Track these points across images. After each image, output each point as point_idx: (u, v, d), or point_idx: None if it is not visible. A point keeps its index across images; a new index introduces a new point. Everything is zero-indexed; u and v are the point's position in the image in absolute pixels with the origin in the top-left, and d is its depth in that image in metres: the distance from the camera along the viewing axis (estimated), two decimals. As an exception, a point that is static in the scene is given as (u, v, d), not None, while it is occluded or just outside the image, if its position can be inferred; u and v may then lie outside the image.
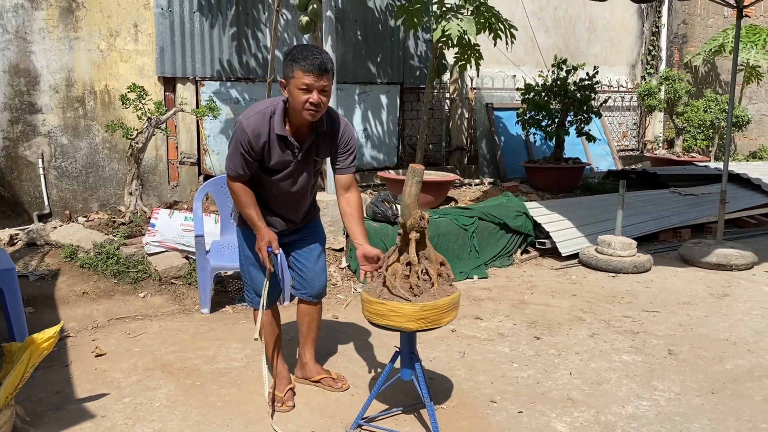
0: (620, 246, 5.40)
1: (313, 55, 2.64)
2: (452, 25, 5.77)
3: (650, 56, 10.81)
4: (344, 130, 2.93)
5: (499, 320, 4.24)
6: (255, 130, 2.74)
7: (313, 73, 2.63)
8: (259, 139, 2.75)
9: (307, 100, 2.66)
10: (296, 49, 2.69)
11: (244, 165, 2.80)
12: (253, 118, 2.76)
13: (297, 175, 2.92)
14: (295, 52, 2.67)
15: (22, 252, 4.94)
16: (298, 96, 2.66)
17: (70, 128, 5.87)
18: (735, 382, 3.34)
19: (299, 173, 2.92)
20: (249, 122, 2.75)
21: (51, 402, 3.05)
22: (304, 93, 2.65)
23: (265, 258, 2.86)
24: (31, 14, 5.57)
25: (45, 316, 4.08)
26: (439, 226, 5.33)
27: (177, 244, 4.83)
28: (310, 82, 2.63)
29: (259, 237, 2.87)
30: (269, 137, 2.77)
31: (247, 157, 2.78)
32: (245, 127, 2.74)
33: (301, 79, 2.64)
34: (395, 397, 3.11)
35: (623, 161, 9.99)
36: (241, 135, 2.75)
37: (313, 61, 2.63)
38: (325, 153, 2.97)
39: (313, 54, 2.65)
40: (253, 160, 2.80)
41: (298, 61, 2.64)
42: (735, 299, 4.72)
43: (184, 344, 3.79)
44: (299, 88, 2.65)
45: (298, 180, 2.93)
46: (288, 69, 2.68)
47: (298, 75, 2.64)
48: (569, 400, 3.13)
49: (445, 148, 8.54)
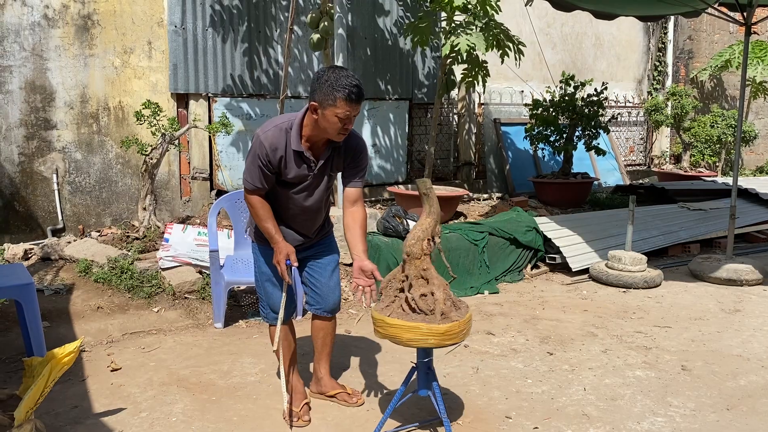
0: (630, 261, 5.41)
1: (352, 84, 2.66)
2: (461, 40, 5.83)
3: (657, 72, 10.86)
4: (358, 144, 2.97)
5: (511, 335, 4.25)
6: (272, 144, 2.77)
7: (355, 102, 2.68)
8: (276, 153, 2.78)
9: (343, 126, 2.72)
10: (333, 75, 2.68)
11: (262, 178, 2.83)
12: (271, 132, 2.79)
13: (312, 189, 2.95)
14: (333, 79, 2.67)
15: (37, 266, 4.99)
16: (335, 123, 2.70)
17: (84, 144, 5.94)
18: (750, 399, 3.34)
19: (315, 187, 2.95)
20: (266, 136, 2.78)
21: (69, 416, 3.08)
22: (342, 120, 2.70)
23: (284, 271, 2.88)
24: (48, 32, 5.66)
25: (60, 331, 4.11)
26: (450, 241, 5.36)
27: (191, 259, 4.87)
28: (350, 111, 2.68)
29: (278, 250, 2.89)
30: (285, 152, 2.80)
31: (264, 170, 2.80)
32: (263, 141, 2.78)
33: (342, 108, 2.66)
34: (410, 413, 3.12)
35: (631, 176, 10.02)
36: (258, 148, 2.78)
37: (354, 91, 2.66)
38: (338, 167, 3.00)
39: (351, 83, 2.66)
40: (271, 173, 2.83)
41: (339, 90, 2.65)
42: (747, 315, 4.72)
43: (199, 359, 3.81)
44: (338, 116, 2.68)
45: (314, 193, 2.96)
46: (326, 96, 2.67)
47: (340, 104, 2.66)
48: (584, 416, 3.14)
49: (453, 163, 8.59)
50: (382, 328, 2.68)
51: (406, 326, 2.60)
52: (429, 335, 2.59)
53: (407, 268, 2.69)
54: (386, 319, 2.65)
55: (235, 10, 6.46)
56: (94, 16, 5.84)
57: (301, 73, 6.96)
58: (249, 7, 6.55)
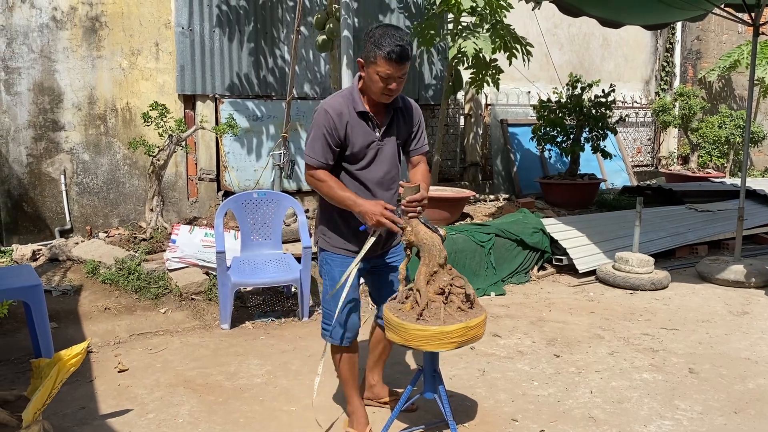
0: (638, 263, 5.39)
1: (395, 44, 2.55)
2: (468, 43, 5.83)
3: (664, 72, 10.82)
4: (416, 108, 2.92)
5: (517, 338, 4.25)
6: (336, 109, 2.69)
7: (396, 62, 2.56)
8: (342, 118, 2.69)
9: (386, 86, 2.63)
10: (378, 32, 2.60)
11: (327, 151, 2.69)
12: (334, 99, 2.75)
13: (381, 160, 2.81)
14: (378, 36, 2.58)
15: (45, 267, 5.02)
16: (377, 81, 2.62)
17: (91, 145, 5.97)
18: (758, 402, 3.32)
19: (383, 157, 2.81)
20: (330, 104, 2.71)
21: (77, 417, 3.09)
22: (384, 80, 2.61)
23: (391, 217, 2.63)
24: (56, 34, 5.69)
25: (68, 332, 4.13)
26: (456, 242, 5.35)
27: (197, 260, 4.89)
28: (391, 72, 2.58)
29: (369, 212, 2.63)
30: (350, 117, 2.71)
31: (329, 140, 2.68)
32: (327, 109, 2.69)
33: (383, 67, 2.58)
34: (416, 415, 3.12)
35: (638, 177, 9.98)
36: (324, 119, 2.68)
37: (396, 51, 2.55)
38: (402, 133, 2.88)
39: (394, 42, 2.55)
40: (336, 146, 2.70)
41: (382, 47, 2.56)
42: (755, 317, 4.69)
43: (206, 360, 3.82)
44: (379, 75, 2.60)
45: (384, 165, 2.81)
46: (370, 53, 2.61)
47: (380, 63, 2.57)
48: (591, 419, 3.13)
49: (459, 164, 8.58)
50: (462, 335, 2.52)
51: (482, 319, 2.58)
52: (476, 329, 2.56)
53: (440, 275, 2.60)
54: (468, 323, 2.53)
55: (241, 11, 6.48)
56: (102, 18, 5.87)
57: (308, 73, 6.96)
58: (255, 8, 6.56)
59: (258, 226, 4.76)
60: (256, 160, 6.67)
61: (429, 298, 2.55)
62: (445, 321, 2.50)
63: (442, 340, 2.48)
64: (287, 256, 4.77)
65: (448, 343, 2.49)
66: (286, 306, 4.78)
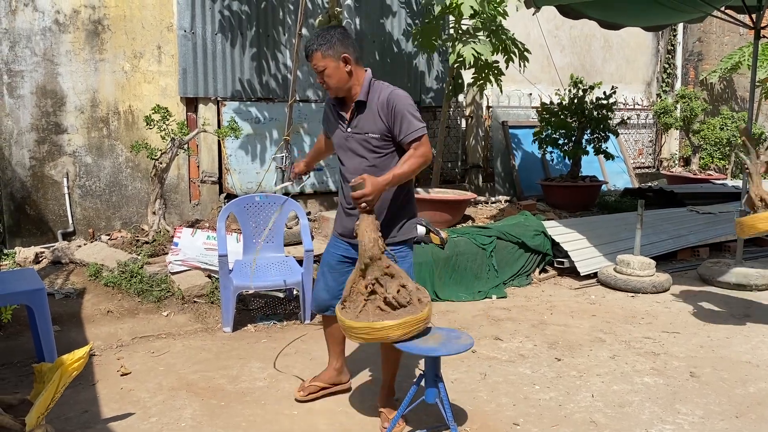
0: (639, 266, 5.39)
1: (309, 41, 2.89)
2: (467, 49, 5.85)
3: (666, 74, 10.82)
4: (393, 99, 2.85)
5: (519, 341, 4.25)
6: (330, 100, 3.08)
7: (307, 59, 2.91)
8: (327, 105, 3.12)
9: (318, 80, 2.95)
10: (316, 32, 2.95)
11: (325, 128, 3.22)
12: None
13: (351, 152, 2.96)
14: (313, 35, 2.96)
15: (48, 270, 5.03)
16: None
17: (94, 148, 5.99)
18: (760, 406, 3.32)
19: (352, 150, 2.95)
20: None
21: (80, 421, 3.10)
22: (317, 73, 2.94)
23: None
24: (59, 37, 5.71)
25: (71, 335, 4.15)
26: (458, 245, 5.36)
27: (199, 263, 4.90)
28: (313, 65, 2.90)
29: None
30: (329, 107, 3.11)
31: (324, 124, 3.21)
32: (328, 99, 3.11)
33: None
34: (418, 419, 3.13)
35: (639, 179, 9.98)
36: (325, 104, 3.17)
37: (306, 46, 2.89)
38: (377, 127, 2.89)
39: (309, 41, 2.89)
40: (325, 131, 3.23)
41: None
42: (756, 320, 4.69)
43: (208, 363, 3.83)
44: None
45: (354, 158, 2.94)
46: None
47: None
48: (592, 423, 3.13)
49: (461, 166, 8.59)
50: (368, 334, 2.67)
51: (396, 324, 2.64)
52: (417, 324, 2.68)
53: (371, 271, 2.71)
54: (373, 324, 2.65)
55: (243, 15, 6.49)
56: (105, 21, 5.89)
57: (310, 76, 6.97)
58: (257, 12, 6.58)
59: (260, 229, 4.77)
60: (259, 163, 6.69)
61: (355, 290, 2.74)
62: (358, 316, 2.68)
63: (348, 332, 2.74)
64: (289, 259, 4.78)
65: (354, 336, 2.72)
66: (288, 309, 4.79)
